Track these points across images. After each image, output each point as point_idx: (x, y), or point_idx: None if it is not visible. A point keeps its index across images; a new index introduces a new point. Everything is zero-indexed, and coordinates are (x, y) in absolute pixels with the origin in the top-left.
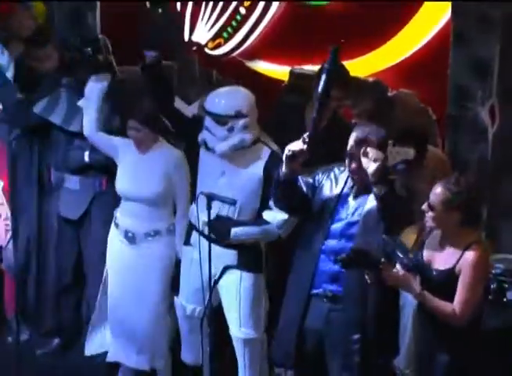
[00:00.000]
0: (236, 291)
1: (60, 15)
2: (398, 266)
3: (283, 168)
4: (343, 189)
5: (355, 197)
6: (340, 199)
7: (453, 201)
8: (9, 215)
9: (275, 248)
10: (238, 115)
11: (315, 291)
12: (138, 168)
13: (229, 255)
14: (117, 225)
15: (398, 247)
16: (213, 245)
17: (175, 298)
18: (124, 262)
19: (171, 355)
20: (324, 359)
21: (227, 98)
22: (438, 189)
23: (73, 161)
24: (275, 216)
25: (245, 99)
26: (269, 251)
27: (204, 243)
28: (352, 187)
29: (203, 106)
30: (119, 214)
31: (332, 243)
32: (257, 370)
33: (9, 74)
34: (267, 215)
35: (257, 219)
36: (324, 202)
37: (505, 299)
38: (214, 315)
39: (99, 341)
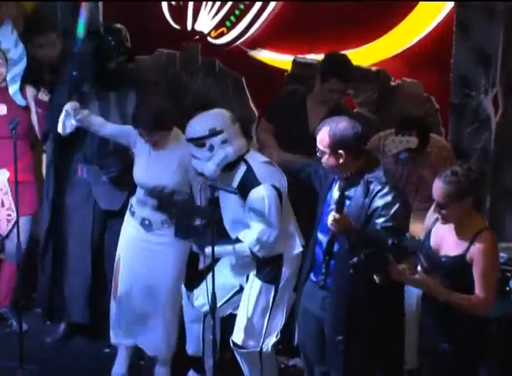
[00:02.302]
0: (247, 296)
1: (63, 4)
2: (418, 268)
3: None
4: (334, 179)
5: (339, 190)
6: (330, 190)
7: (459, 190)
8: (13, 205)
9: None
10: (213, 133)
11: (313, 279)
12: (155, 159)
13: (251, 264)
14: (132, 214)
15: (418, 249)
16: None
17: (182, 286)
18: (138, 249)
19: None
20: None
21: (200, 121)
22: (438, 185)
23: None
24: (246, 236)
25: (217, 117)
26: None
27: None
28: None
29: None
30: (135, 202)
31: (321, 235)
32: (258, 372)
33: (20, 68)
34: (242, 234)
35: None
36: (321, 191)
37: (508, 288)
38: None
39: None
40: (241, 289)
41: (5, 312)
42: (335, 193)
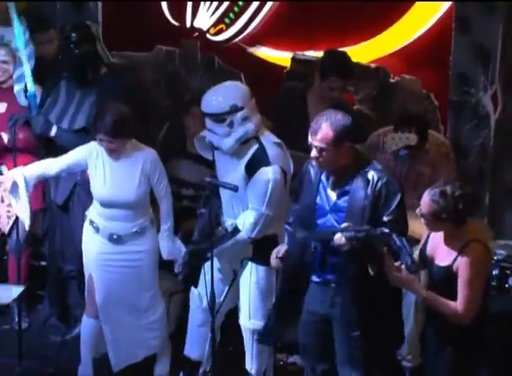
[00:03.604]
0: (248, 283)
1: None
2: (402, 267)
3: None
4: (319, 181)
5: (334, 189)
6: (318, 192)
7: (441, 214)
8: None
9: None
10: (234, 109)
11: (316, 280)
12: (116, 173)
13: (247, 248)
14: (97, 230)
15: (403, 248)
16: None
17: (192, 289)
18: (109, 263)
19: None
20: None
21: (219, 95)
22: (426, 199)
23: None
24: (244, 221)
25: (238, 92)
26: None
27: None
28: (328, 178)
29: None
30: (98, 219)
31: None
32: (264, 360)
33: (27, 68)
34: (239, 219)
35: (227, 233)
36: (304, 196)
37: (507, 285)
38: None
39: None
40: (235, 275)
41: (12, 306)
42: (330, 193)
